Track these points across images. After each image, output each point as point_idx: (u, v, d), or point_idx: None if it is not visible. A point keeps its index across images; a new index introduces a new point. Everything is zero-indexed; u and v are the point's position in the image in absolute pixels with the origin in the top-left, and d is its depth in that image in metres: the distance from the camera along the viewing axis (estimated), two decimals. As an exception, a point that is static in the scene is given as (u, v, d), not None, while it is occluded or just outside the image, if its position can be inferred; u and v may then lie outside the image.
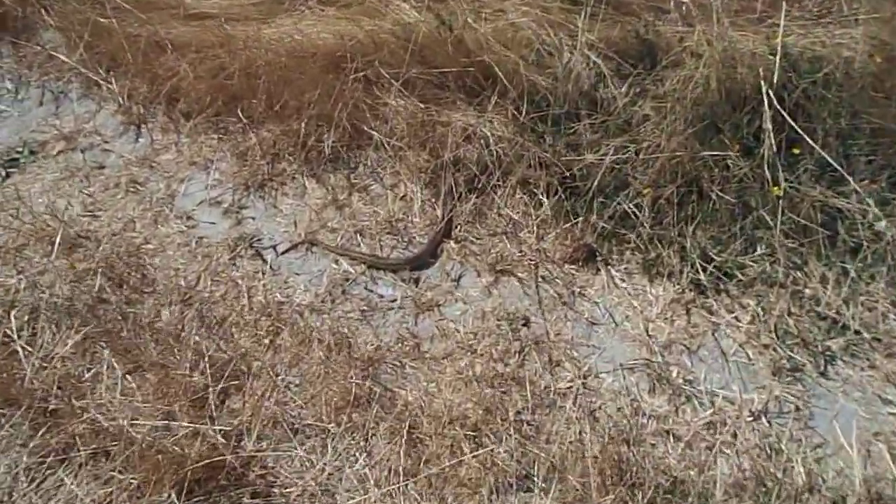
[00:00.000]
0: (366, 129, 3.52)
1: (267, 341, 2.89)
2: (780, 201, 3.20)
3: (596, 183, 3.42)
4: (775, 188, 3.28)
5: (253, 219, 3.42)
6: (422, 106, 3.57)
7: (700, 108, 3.37)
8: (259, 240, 3.32)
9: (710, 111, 3.37)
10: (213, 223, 3.40)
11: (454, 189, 3.42)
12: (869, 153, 3.30)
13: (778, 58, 3.38)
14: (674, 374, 2.82)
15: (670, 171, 3.35)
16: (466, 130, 3.50)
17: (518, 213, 3.40)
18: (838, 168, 3.23)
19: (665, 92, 3.66)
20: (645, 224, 3.36)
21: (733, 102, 3.38)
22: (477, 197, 3.46)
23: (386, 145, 3.49)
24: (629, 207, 3.38)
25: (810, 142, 3.25)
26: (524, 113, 3.60)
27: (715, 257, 3.45)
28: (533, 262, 3.25)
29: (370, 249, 3.25)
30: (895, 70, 3.44)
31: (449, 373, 2.77)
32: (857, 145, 3.32)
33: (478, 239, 3.32)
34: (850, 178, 3.21)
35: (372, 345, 2.89)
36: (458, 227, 3.37)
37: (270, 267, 3.21)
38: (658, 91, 3.73)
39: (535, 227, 3.35)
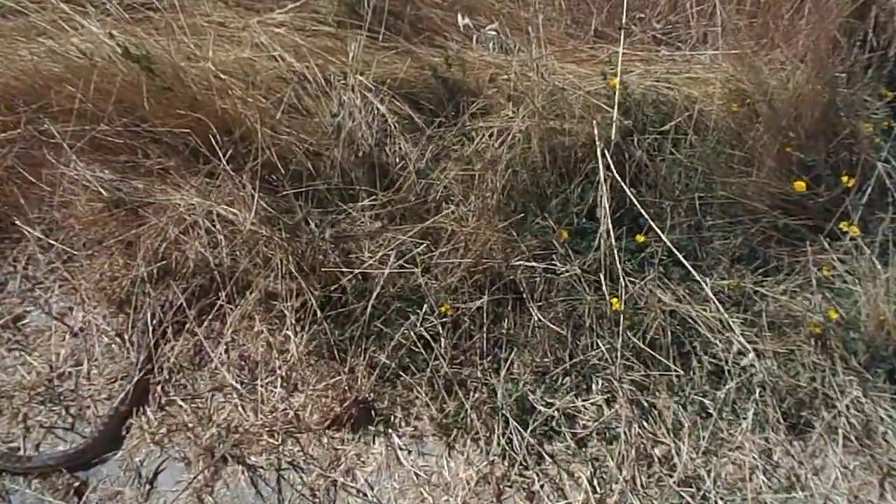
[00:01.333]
0: (17, 220, 2.09)
1: None
2: (621, 318, 2.60)
3: (374, 297, 2.54)
4: (614, 300, 2.64)
5: None
6: (116, 180, 2.11)
7: (518, 177, 2.71)
8: None
9: (532, 181, 2.74)
10: None
11: (160, 318, 2.02)
12: (725, 234, 2.79)
13: (616, 103, 2.78)
14: None
15: (479, 275, 2.65)
16: (185, 220, 2.33)
17: (258, 351, 2.07)
18: (689, 269, 2.68)
19: (471, 154, 2.89)
20: (443, 358, 2.56)
21: (561, 167, 2.78)
22: (198, 326, 2.06)
23: (54, 245, 2.04)
24: (423, 332, 2.54)
25: (656, 228, 2.69)
26: (276, 190, 2.64)
27: (537, 405, 2.53)
28: (276, 432, 2.26)
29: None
30: (755, 123, 2.87)
31: None
32: (715, 224, 2.79)
33: (191, 401, 2.00)
34: (704, 282, 2.65)
35: None
36: (161, 382, 2.00)
37: None
38: (463, 152, 2.94)
39: (282, 374, 1.99)
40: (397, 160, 2.74)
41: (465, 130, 2.88)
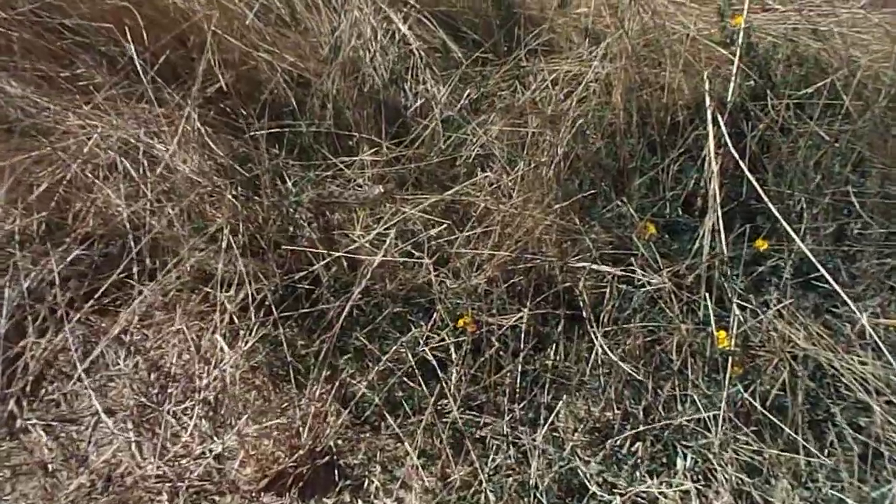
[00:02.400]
0: None
1: None
2: (728, 361, 1.81)
3: (358, 295, 1.76)
4: (720, 334, 1.86)
5: None
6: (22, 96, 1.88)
7: (589, 143, 2.05)
8: None
9: (608, 149, 2.06)
10: None
11: (36, 294, 1.20)
12: (881, 250, 2.03)
13: (738, 55, 2.08)
14: None
15: (519, 277, 1.89)
16: (98, 156, 1.84)
17: (176, 360, 1.76)
18: (836, 293, 1.87)
19: (525, 104, 2.12)
20: (454, 396, 1.76)
21: (652, 134, 2.08)
22: (91, 313, 1.25)
23: None
24: (426, 354, 1.77)
25: (790, 231, 1.91)
26: (241, 129, 1.94)
27: (589, 484, 1.73)
28: (184, 491, 1.57)
29: None
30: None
31: None
32: (867, 235, 2.05)
33: (60, 428, 1.85)
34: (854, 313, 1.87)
35: None
36: (18, 394, 1.49)
37: None
38: (514, 101, 2.17)
39: (207, 399, 1.70)
40: (418, 103, 1.89)
41: (520, 72, 2.23)
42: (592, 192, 2.03)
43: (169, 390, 1.68)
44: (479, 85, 2.15)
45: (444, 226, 1.88)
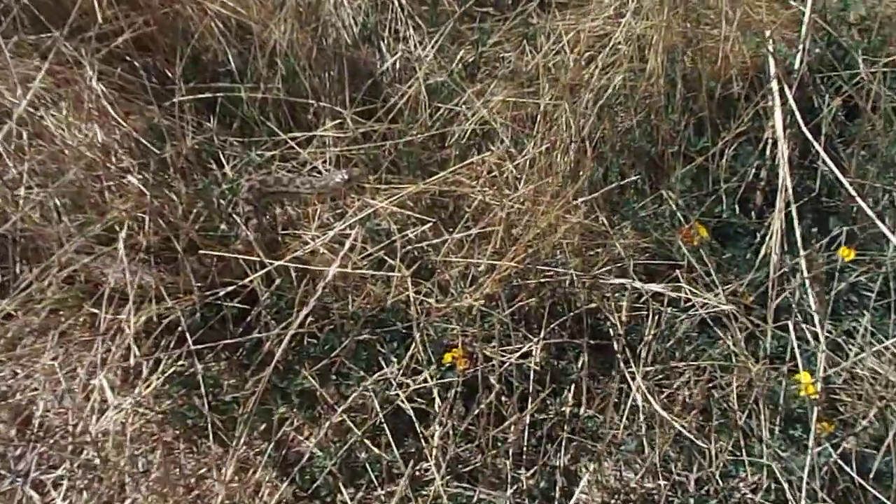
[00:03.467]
0: None
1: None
2: (813, 412, 1.34)
3: (308, 316, 1.26)
4: (804, 377, 1.38)
5: None
6: None
7: (618, 120, 1.64)
8: None
9: (644, 129, 1.65)
10: None
11: None
12: None
13: (808, 11, 1.65)
14: None
15: (528, 296, 1.42)
16: None
17: (45, 407, 1.07)
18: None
19: (535, 69, 1.67)
20: (438, 459, 1.29)
21: (698, 110, 1.66)
22: None
23: None
24: (400, 399, 1.32)
25: (888, 234, 1.49)
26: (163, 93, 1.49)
27: None
28: None
29: None
30: None
31: None
32: None
33: None
34: None
35: None
36: None
37: None
38: (521, 65, 1.74)
39: (90, 461, 1.20)
40: (397, 65, 1.40)
41: (528, 29, 1.81)
42: (621, 184, 1.57)
43: (36, 449, 1.19)
44: (475, 44, 1.68)
45: (428, 225, 1.39)
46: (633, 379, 1.38)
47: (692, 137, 1.62)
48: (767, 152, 1.65)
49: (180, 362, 1.27)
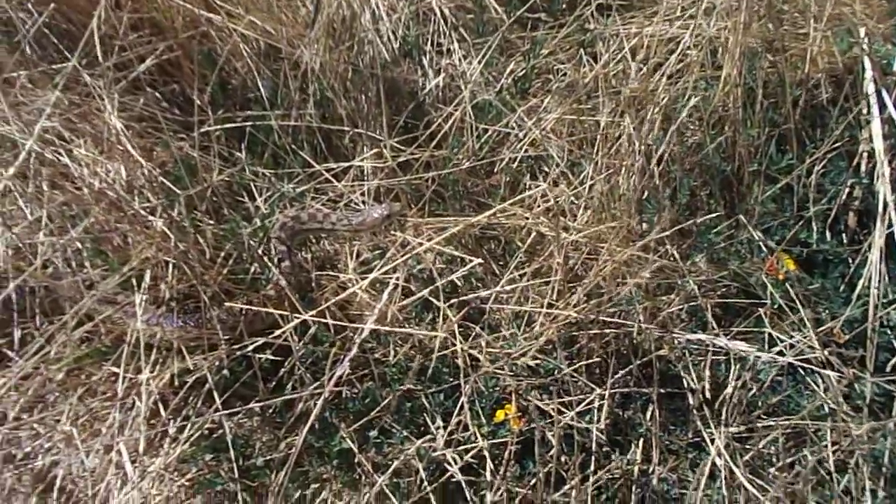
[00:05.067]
0: None
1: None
2: None
3: (346, 369, 1.20)
4: None
5: None
6: None
7: (688, 138, 1.47)
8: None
9: (718, 147, 1.44)
10: None
11: None
12: None
13: None
14: None
15: (589, 342, 1.27)
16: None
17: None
18: None
19: (594, 81, 1.52)
20: None
21: (781, 122, 1.47)
22: None
23: None
24: (448, 461, 1.17)
25: None
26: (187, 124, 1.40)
27: None
28: None
29: None
30: None
31: None
32: None
33: None
34: None
35: None
36: None
37: None
38: (578, 76, 1.60)
39: None
40: (440, 83, 1.26)
41: (585, 36, 1.66)
42: (690, 209, 1.39)
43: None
44: (527, 56, 1.52)
45: (477, 263, 1.25)
46: (712, 437, 1.21)
47: (774, 154, 1.43)
48: (863, 168, 1.45)
49: (207, 423, 1.17)
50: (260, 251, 1.30)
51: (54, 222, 1.26)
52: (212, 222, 1.32)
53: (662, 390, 1.28)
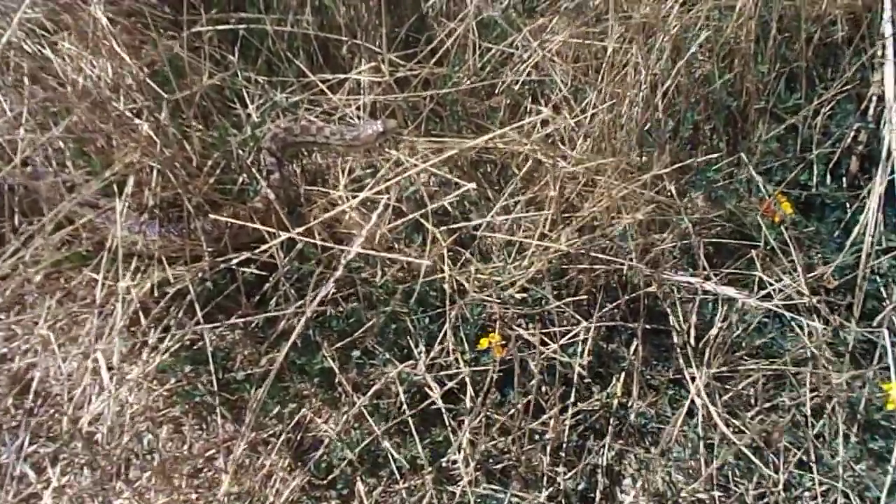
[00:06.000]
0: None
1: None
2: None
3: (331, 287, 1.13)
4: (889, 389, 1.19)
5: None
6: None
7: (696, 69, 1.40)
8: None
9: (726, 81, 1.40)
10: None
11: None
12: None
13: None
14: None
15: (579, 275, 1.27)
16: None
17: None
18: None
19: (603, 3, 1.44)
20: (467, 454, 1.16)
21: (790, 58, 1.41)
22: None
23: None
24: (428, 383, 1.19)
25: None
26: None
27: None
28: None
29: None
30: None
31: None
32: None
33: None
34: None
35: None
36: None
37: None
38: None
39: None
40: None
41: None
42: (692, 143, 1.36)
43: (32, 420, 1.11)
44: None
45: (471, 186, 1.22)
46: (693, 376, 1.22)
47: (783, 92, 1.39)
48: (870, 112, 1.42)
49: (189, 334, 1.16)
50: (249, 161, 1.26)
51: (35, 118, 1.22)
52: (200, 128, 1.27)
53: (648, 326, 1.29)
